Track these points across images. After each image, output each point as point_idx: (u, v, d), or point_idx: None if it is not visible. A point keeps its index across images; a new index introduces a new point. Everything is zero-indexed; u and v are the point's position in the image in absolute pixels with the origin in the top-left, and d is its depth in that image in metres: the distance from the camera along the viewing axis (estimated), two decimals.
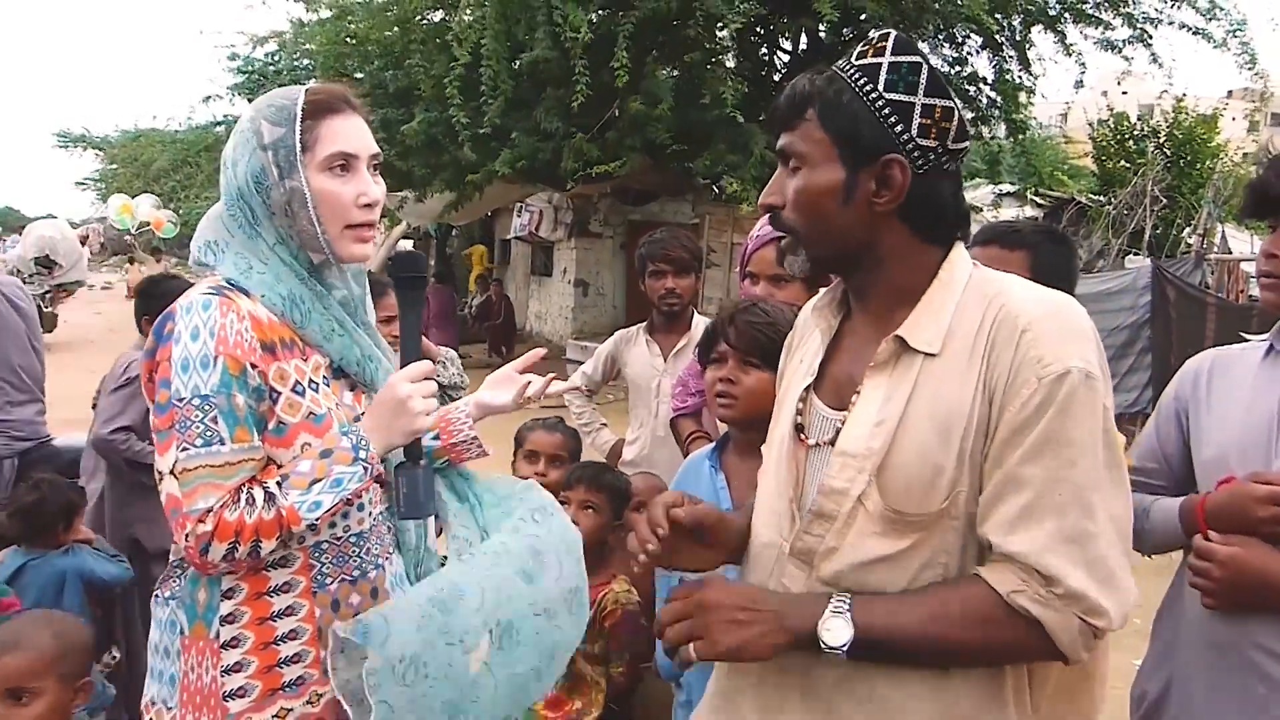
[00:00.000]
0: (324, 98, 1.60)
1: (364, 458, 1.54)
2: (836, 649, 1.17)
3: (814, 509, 1.28)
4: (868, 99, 1.22)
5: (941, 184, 1.26)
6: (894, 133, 1.22)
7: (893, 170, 1.23)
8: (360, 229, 1.61)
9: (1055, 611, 1.13)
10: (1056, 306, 1.22)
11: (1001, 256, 2.01)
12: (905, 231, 1.27)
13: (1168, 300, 8.69)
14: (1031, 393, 1.15)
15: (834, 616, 1.18)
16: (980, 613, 1.15)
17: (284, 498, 1.49)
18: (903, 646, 1.18)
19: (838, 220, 1.26)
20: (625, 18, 10.03)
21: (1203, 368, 1.83)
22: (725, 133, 10.50)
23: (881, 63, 1.22)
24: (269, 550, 1.49)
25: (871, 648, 1.18)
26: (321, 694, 1.59)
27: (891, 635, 1.18)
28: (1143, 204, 13.00)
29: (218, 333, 1.49)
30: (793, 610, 1.23)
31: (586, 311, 15.42)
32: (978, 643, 1.17)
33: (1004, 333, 1.19)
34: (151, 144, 23.99)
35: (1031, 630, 1.14)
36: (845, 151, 1.23)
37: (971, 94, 12.65)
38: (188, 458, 1.47)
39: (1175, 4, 11.72)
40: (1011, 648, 1.18)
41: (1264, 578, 1.56)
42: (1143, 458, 1.88)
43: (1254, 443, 1.67)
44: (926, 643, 1.17)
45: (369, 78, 12.63)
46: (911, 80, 1.21)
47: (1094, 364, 1.17)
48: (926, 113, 1.22)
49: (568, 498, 2.48)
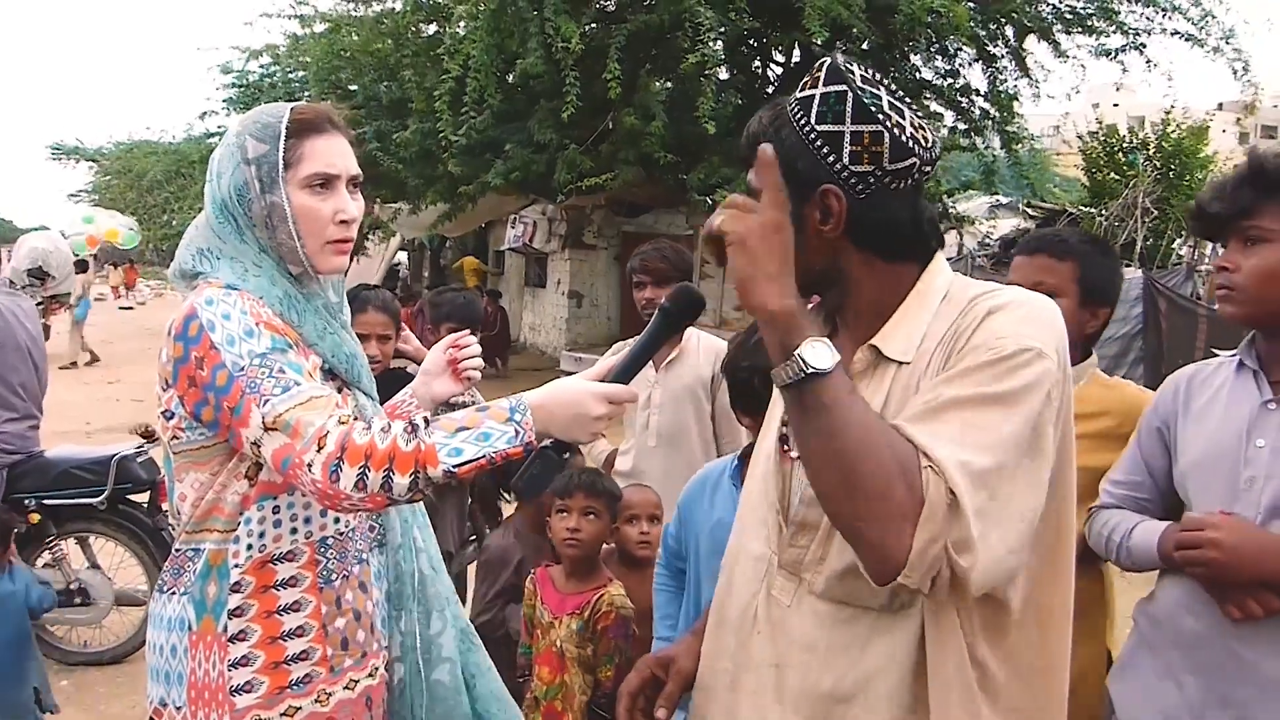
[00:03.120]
0: (309, 117, 1.63)
1: (518, 420, 1.44)
2: (810, 367, 1.11)
3: (797, 520, 1.30)
4: (803, 132, 1.25)
5: (892, 203, 1.27)
6: (827, 164, 1.24)
7: (829, 200, 1.25)
8: (337, 243, 1.64)
9: (940, 517, 1.08)
10: (1030, 299, 1.24)
11: (1049, 266, 2.06)
12: (865, 253, 1.29)
13: (1159, 311, 8.73)
14: (979, 355, 1.16)
15: (825, 346, 1.12)
16: (904, 457, 1.10)
17: (428, 434, 1.42)
18: (842, 412, 1.11)
19: (796, 250, 1.25)
20: (617, 30, 10.07)
21: (1180, 383, 1.88)
22: (719, 146, 10.54)
23: (814, 94, 1.25)
24: (401, 488, 1.40)
25: (820, 393, 1.12)
26: (330, 692, 1.62)
27: (844, 394, 1.12)
28: (1134, 215, 13.09)
29: (249, 310, 1.53)
30: (801, 307, 1.17)
31: (580, 323, 15.44)
32: (879, 473, 1.09)
33: (970, 318, 1.22)
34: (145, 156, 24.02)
35: (911, 511, 1.08)
36: (789, 185, 1.24)
37: (964, 105, 12.72)
38: (272, 408, 1.44)
39: (1167, 13, 11.82)
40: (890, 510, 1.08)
41: (1261, 543, 1.59)
42: (1128, 471, 1.92)
43: (1225, 452, 1.72)
44: (859, 427, 1.11)
45: (362, 90, 12.67)
46: (839, 110, 1.23)
47: (1051, 352, 1.17)
48: (855, 139, 1.23)
49: (567, 506, 2.49)
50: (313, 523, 1.63)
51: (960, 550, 1.08)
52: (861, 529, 1.11)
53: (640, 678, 1.53)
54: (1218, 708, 1.65)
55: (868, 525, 1.10)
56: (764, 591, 1.34)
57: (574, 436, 1.47)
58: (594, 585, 2.47)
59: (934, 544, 1.08)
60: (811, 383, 1.11)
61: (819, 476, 1.15)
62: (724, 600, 1.44)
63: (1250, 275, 1.70)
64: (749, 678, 1.35)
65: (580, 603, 2.44)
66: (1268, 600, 1.59)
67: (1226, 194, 1.74)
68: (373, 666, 1.70)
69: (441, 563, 1.89)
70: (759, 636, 1.34)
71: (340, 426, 1.42)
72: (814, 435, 1.13)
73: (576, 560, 2.50)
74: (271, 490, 1.59)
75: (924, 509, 1.07)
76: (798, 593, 1.29)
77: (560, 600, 2.48)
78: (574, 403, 1.46)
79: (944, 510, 1.08)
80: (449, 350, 2.01)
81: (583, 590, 2.47)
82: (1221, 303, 1.79)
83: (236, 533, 1.58)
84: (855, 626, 1.25)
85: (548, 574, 2.56)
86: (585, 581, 2.49)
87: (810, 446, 1.15)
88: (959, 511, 1.08)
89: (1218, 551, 1.61)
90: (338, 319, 1.72)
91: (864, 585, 1.21)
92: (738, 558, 1.44)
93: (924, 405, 1.16)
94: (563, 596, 2.48)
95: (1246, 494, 1.67)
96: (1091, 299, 2.10)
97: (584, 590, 2.47)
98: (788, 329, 1.14)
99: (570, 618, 2.43)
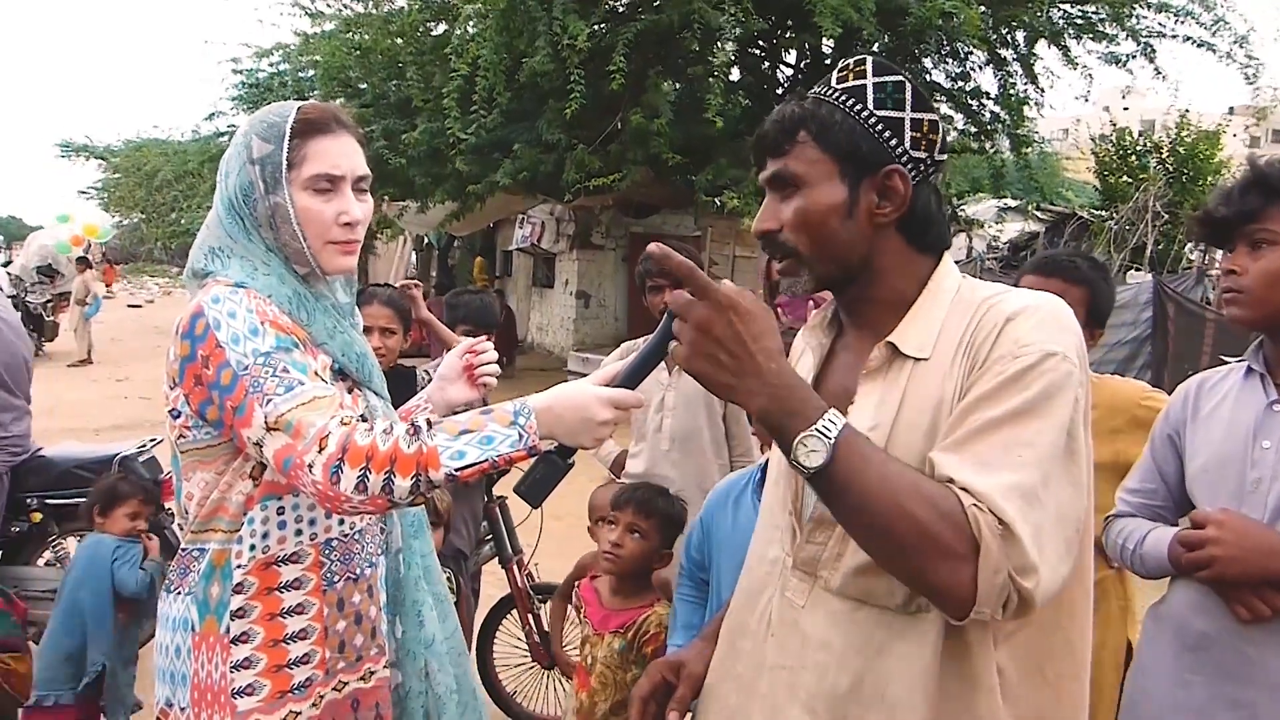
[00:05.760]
0: (314, 117, 1.62)
1: (522, 424, 1.43)
2: (806, 469, 1.11)
3: (814, 516, 1.29)
4: (859, 117, 1.27)
5: (929, 194, 1.31)
6: (889, 146, 1.27)
7: (894, 180, 1.27)
8: (342, 244, 1.63)
9: (996, 550, 1.08)
10: (1046, 302, 1.24)
11: (1064, 289, 2.16)
12: (901, 242, 1.31)
13: (1168, 316, 8.69)
14: (1006, 366, 1.16)
15: (816, 438, 1.10)
16: (942, 504, 1.09)
17: (430, 437, 1.40)
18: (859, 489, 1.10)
19: (842, 236, 1.29)
20: (626, 30, 10.06)
21: (1190, 390, 1.90)
22: (727, 147, 10.53)
23: (866, 84, 1.27)
24: (403, 491, 1.38)
25: (831, 481, 1.11)
26: (324, 695, 1.61)
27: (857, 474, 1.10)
28: (1145, 219, 13.03)
29: (255, 309, 1.52)
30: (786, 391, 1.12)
31: (588, 323, 15.43)
32: (921, 529, 1.08)
33: (988, 322, 1.21)
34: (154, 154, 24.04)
35: (967, 551, 1.08)
36: (846, 167, 1.27)
37: (974, 109, 12.69)
38: (275, 408, 1.43)
39: (1179, 19, 11.77)
40: (938, 553, 1.09)
41: (1264, 540, 1.60)
42: (1142, 479, 1.95)
43: (1233, 455, 1.73)
44: (883, 497, 1.09)
45: (371, 89, 12.67)
46: (898, 97, 1.27)
47: (1073, 355, 1.18)
48: (916, 126, 1.27)
49: (615, 518, 2.43)
50: (318, 524, 1.62)
51: (1023, 574, 1.09)
52: (920, 580, 1.13)
53: (651, 682, 1.53)
54: (1227, 709, 1.64)
55: (924, 577, 1.11)
56: (777, 595, 1.34)
57: (579, 441, 1.46)
58: (641, 604, 2.40)
59: (997, 575, 1.09)
60: (820, 476, 1.12)
61: (863, 545, 1.17)
62: (737, 605, 1.44)
63: (1258, 278, 1.71)
64: (761, 681, 1.34)
65: (625, 621, 2.37)
66: (1274, 599, 1.59)
67: (1234, 198, 1.75)
68: (366, 670, 1.68)
69: (439, 567, 1.88)
70: (772, 640, 1.33)
71: (342, 428, 1.41)
72: (842, 513, 1.15)
73: (616, 577, 2.42)
74: (276, 490, 1.58)
75: (980, 547, 1.08)
76: (812, 592, 1.28)
77: (604, 616, 2.41)
78: (580, 406, 1.45)
79: (998, 543, 1.08)
80: (465, 356, 1.99)
81: (628, 608, 2.40)
82: (1228, 306, 1.80)
83: (240, 533, 1.57)
84: (872, 625, 1.23)
85: (594, 587, 2.48)
86: (631, 599, 2.42)
87: (844, 521, 1.17)
88: (1014, 538, 1.08)
89: (1220, 549, 1.61)
90: (348, 319, 1.71)
91: (881, 583, 1.21)
92: (753, 565, 1.44)
93: (963, 431, 1.16)
94: (607, 613, 2.41)
95: (1253, 496, 1.67)
96: (1093, 321, 2.30)
97: (630, 608, 2.40)
98: (777, 428, 1.13)
99: (613, 636, 2.36)
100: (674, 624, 2.41)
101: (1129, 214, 13.40)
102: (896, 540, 1.11)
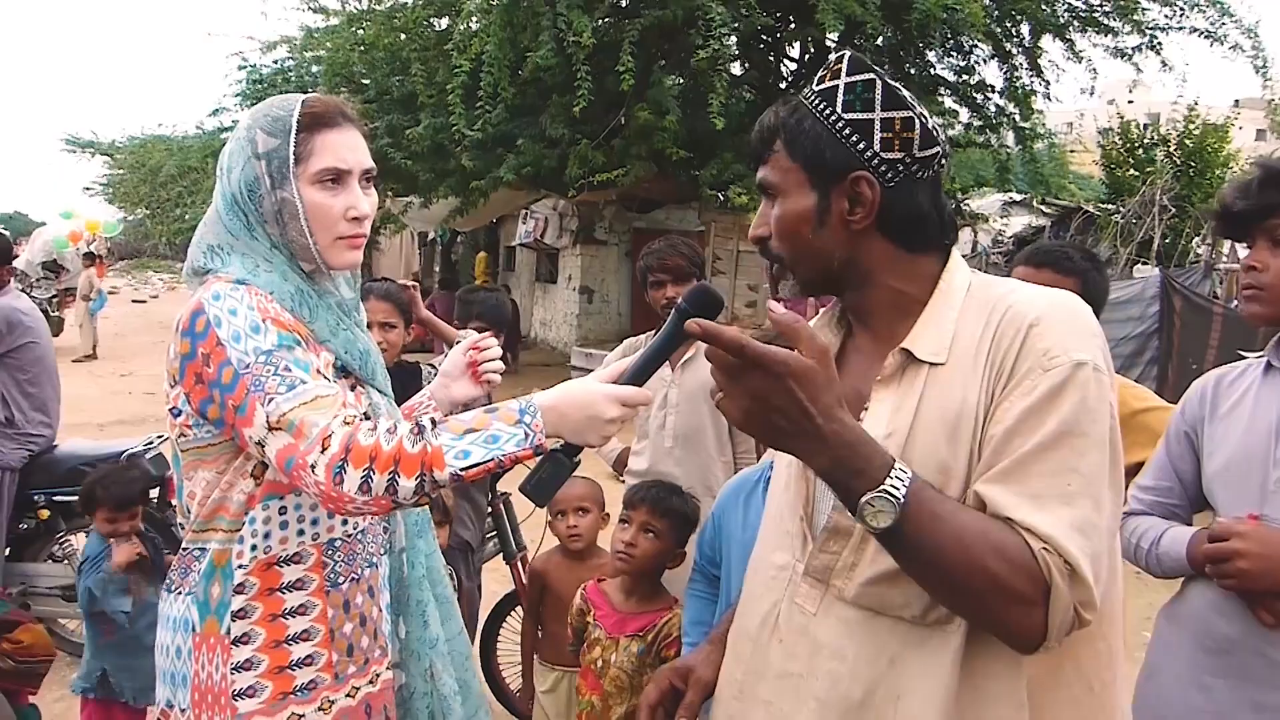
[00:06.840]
0: (320, 110, 1.59)
1: (528, 422, 1.41)
2: (874, 528, 1.09)
3: (829, 526, 1.26)
4: (828, 122, 1.24)
5: (917, 192, 1.27)
6: (857, 151, 1.23)
7: (861, 187, 1.24)
8: (350, 239, 1.61)
9: (1065, 591, 1.09)
10: (1065, 303, 1.21)
11: (1055, 281, 2.11)
12: (887, 244, 1.28)
13: (1174, 310, 8.65)
14: (1037, 382, 1.14)
15: (884, 499, 1.07)
16: (1012, 552, 1.09)
17: (434, 437, 1.38)
18: (931, 547, 1.09)
19: (815, 244, 1.27)
20: (630, 25, 10.04)
21: (1207, 386, 1.87)
22: (731, 142, 10.50)
23: (838, 85, 1.24)
24: (407, 491, 1.36)
25: (901, 540, 1.10)
26: (334, 700, 1.59)
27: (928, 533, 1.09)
28: (1152, 213, 12.98)
29: (256, 306, 1.50)
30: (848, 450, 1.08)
31: (591, 319, 15.41)
32: (995, 581, 1.09)
33: (1010, 328, 1.19)
34: (158, 150, 24.06)
35: (1036, 594, 1.09)
36: (813, 176, 1.25)
37: (979, 102, 12.64)
38: (277, 407, 1.41)
39: (1185, 11, 11.69)
40: (1012, 600, 1.09)
41: None
42: (1156, 477, 1.92)
43: (1254, 454, 1.70)
44: (955, 552, 1.09)
45: (375, 84, 12.66)
46: (867, 97, 1.23)
47: (1100, 359, 1.16)
48: (886, 126, 1.23)
49: (629, 517, 2.40)
50: (320, 524, 1.60)
51: (1086, 608, 1.11)
52: (992, 624, 1.14)
53: (659, 689, 1.51)
54: (1250, 712, 1.62)
55: (997, 622, 1.12)
56: (786, 600, 1.31)
57: (585, 439, 1.44)
58: (658, 607, 2.38)
59: (1066, 613, 1.10)
60: (888, 536, 1.10)
61: (933, 594, 1.17)
62: (744, 610, 1.42)
63: (1279, 275, 1.69)
64: (764, 687, 1.32)
65: (644, 625, 2.34)
66: None
67: (1252, 193, 1.72)
68: (374, 673, 1.67)
69: (442, 566, 1.86)
70: (778, 646, 1.31)
71: (345, 427, 1.39)
72: (913, 568, 1.14)
73: (627, 577, 2.39)
74: (277, 490, 1.56)
75: (1051, 592, 1.09)
76: (824, 600, 1.26)
77: (619, 620, 2.37)
78: (586, 404, 1.42)
79: (1066, 583, 1.09)
80: (469, 352, 1.97)
81: (645, 611, 2.37)
82: (1248, 303, 1.77)
83: (241, 533, 1.55)
84: (887, 636, 1.21)
85: (601, 589, 2.46)
86: (647, 602, 2.39)
87: (914, 575, 1.16)
88: (1079, 576, 1.09)
89: (1246, 562, 1.59)
90: (351, 315, 1.69)
91: (897, 593, 1.19)
92: (758, 568, 1.41)
93: (1009, 461, 1.14)
94: (622, 616, 2.38)
95: (1276, 495, 1.65)
96: None
97: (647, 611, 2.37)
98: (843, 489, 1.11)
99: (632, 640, 2.33)
100: (685, 620, 2.39)
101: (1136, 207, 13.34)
102: (972, 593, 1.11)
